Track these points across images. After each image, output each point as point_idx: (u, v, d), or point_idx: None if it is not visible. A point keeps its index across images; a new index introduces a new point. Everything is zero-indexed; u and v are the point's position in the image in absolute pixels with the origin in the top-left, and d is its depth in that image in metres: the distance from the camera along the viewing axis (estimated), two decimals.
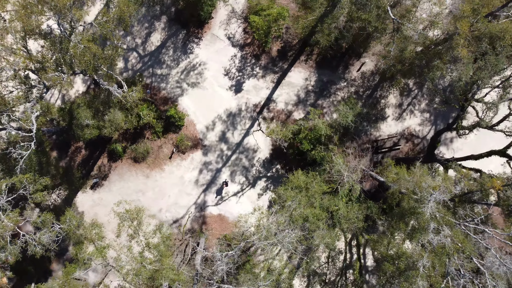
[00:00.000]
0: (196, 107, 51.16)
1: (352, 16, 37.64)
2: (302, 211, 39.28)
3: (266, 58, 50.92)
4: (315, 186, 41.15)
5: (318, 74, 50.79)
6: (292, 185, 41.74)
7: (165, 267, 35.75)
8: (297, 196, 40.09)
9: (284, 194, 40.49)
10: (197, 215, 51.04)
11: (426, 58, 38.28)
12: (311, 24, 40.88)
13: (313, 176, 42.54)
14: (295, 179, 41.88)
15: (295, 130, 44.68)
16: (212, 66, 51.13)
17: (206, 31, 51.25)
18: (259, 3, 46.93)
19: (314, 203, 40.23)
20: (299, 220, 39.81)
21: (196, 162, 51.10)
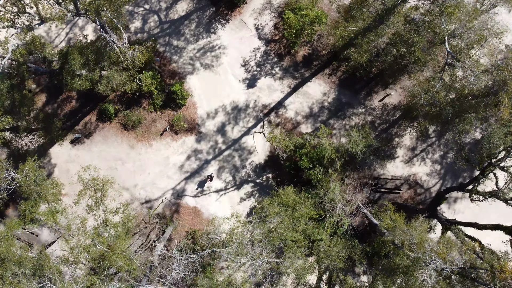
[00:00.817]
0: (203, 90, 46.07)
1: (395, 39, 32.67)
2: (283, 232, 34.26)
3: (289, 61, 45.87)
4: (303, 209, 36.11)
5: (338, 93, 45.77)
6: (279, 201, 36.69)
7: (116, 252, 30.63)
8: (282, 215, 35.07)
9: (268, 208, 35.46)
10: (172, 202, 45.96)
11: (460, 108, 33.32)
12: (350, 35, 35.82)
13: (303, 197, 37.50)
14: (284, 195, 36.83)
15: (298, 144, 39.65)
16: (232, 53, 46.07)
17: (235, 15, 46.18)
18: (299, 1, 41.91)
19: (297, 226, 35.18)
20: (276, 241, 34.79)
21: (187, 147, 46.01)
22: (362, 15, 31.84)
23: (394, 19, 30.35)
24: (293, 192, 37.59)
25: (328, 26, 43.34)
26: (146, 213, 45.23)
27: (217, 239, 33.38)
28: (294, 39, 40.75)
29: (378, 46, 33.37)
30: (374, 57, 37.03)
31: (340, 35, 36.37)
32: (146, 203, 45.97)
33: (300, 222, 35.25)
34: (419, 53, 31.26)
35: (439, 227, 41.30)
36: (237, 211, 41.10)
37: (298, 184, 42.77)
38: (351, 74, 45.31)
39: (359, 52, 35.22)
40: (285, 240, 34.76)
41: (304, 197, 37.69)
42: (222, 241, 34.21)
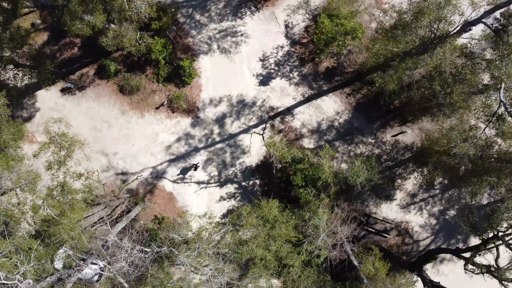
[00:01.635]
0: (212, 74, 41.45)
1: (434, 74, 28.10)
2: (254, 248, 29.68)
3: (311, 69, 41.28)
4: (282, 228, 31.54)
5: (351, 115, 41.19)
6: (259, 213, 32.12)
7: (63, 222, 26.00)
8: (258, 229, 30.50)
9: (246, 218, 30.89)
10: (149, 181, 41.33)
11: (481, 167, 28.78)
12: (387, 55, 31.08)
13: (286, 216, 32.94)
14: (267, 209, 32.26)
15: (297, 157, 35.07)
16: (253, 44, 41.48)
17: (268, 5, 41.57)
18: (339, 9, 37.34)
19: (271, 246, 30.62)
20: (244, 256, 30.23)
21: (180, 128, 41.38)
22: (405, 37, 27.24)
23: (441, 50, 25.81)
24: (277, 207, 33.03)
25: (362, 43, 38.77)
26: (118, 185, 40.62)
27: (178, 240, 28.73)
28: (323, 46, 36.16)
29: (412, 76, 28.82)
30: (404, 87, 32.50)
31: (376, 51, 31.73)
32: (121, 174, 41.33)
33: (275, 241, 30.69)
34: (456, 96, 26.71)
35: (419, 285, 36.74)
36: (211, 211, 36.49)
37: (284, 200, 38.20)
38: (371, 99, 40.76)
39: (390, 76, 30.57)
40: (254, 256, 30.22)
41: (287, 216, 33.14)
42: (185, 240, 29.61)
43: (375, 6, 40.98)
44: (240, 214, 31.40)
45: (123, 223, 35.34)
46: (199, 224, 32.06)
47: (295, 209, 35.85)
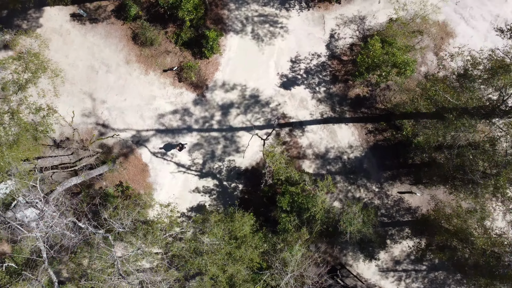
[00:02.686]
0: (235, 57, 35.76)
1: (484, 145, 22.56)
2: (208, 263, 24.03)
3: (340, 90, 35.61)
4: (248, 252, 25.91)
5: (364, 155, 35.53)
6: (229, 226, 26.47)
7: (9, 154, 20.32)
8: (221, 243, 24.84)
9: (211, 227, 25.23)
10: (127, 144, 35.64)
11: (495, 270, 23.22)
12: (441, 101, 25.22)
13: (257, 239, 27.31)
14: (239, 223, 26.62)
15: (292, 178, 29.45)
16: (290, 41, 35.81)
17: (320, 7, 35.89)
18: (395, 38, 31.64)
19: (229, 266, 24.97)
20: (194, 267, 24.59)
21: (180, 101, 35.70)
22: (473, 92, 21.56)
23: (507, 123, 20.33)
24: (251, 225, 27.39)
25: (404, 83, 33.08)
26: (92, 136, 34.93)
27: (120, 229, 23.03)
28: (364, 70, 30.47)
29: (458, 139, 23.26)
30: (441, 147, 26.96)
31: (433, 94, 25.92)
32: (101, 126, 35.64)
33: (234, 264, 25.05)
34: (503, 181, 21.12)
35: None
36: (176, 204, 30.80)
37: (261, 217, 32.59)
38: (391, 146, 35.09)
39: (436, 129, 24.85)
40: (205, 272, 24.57)
41: (258, 241, 27.51)
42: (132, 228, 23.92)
43: (433, 49, 35.31)
44: (206, 219, 25.73)
45: (79, 178, 29.65)
46: (157, 213, 26.37)
47: (270, 233, 30.22)
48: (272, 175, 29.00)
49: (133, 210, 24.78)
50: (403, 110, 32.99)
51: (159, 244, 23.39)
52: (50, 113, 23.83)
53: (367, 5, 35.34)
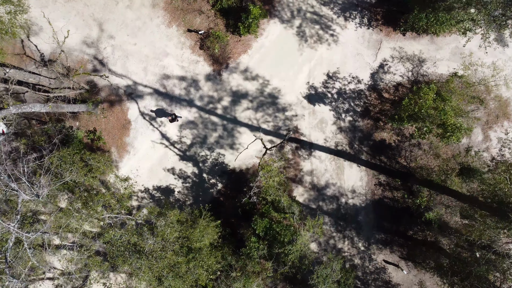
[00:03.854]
0: (270, 46, 30.17)
1: None
2: (143, 265, 18.49)
3: (367, 127, 30.06)
4: (198, 266, 20.38)
5: (364, 206, 30.01)
6: (186, 231, 20.92)
7: None
8: (168, 249, 19.29)
9: (166, 226, 19.67)
10: (118, 92, 30.07)
11: None
12: (507, 194, 19.48)
13: (214, 260, 21.75)
14: (200, 233, 21.07)
15: (279, 204, 23.93)
16: (335, 53, 30.19)
17: (382, 30, 30.24)
18: (451, 94, 26.04)
19: (165, 278, 19.41)
20: (124, 265, 19.04)
21: (192, 70, 30.10)
22: None
23: None
24: (212, 237, 21.85)
25: (442, 149, 27.58)
26: (80, 67, 29.35)
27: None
28: (405, 116, 24.91)
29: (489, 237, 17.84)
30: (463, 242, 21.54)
31: (501, 181, 20.22)
32: (98, 62, 30.06)
33: (176, 279, 19.50)
34: None
35: None
36: (135, 183, 25.30)
37: (227, 229, 27.08)
38: (397, 208, 29.54)
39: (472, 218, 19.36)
40: (135, 274, 19.02)
41: (214, 260, 21.94)
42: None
43: (482, 125, 29.69)
44: (162, 214, 20.16)
45: (45, 107, 24.00)
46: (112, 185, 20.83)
47: (230, 251, 24.68)
48: (259, 191, 23.47)
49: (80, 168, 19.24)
50: (427, 177, 27.47)
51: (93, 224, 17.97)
52: (18, 11, 18.20)
53: (431, 49, 29.76)
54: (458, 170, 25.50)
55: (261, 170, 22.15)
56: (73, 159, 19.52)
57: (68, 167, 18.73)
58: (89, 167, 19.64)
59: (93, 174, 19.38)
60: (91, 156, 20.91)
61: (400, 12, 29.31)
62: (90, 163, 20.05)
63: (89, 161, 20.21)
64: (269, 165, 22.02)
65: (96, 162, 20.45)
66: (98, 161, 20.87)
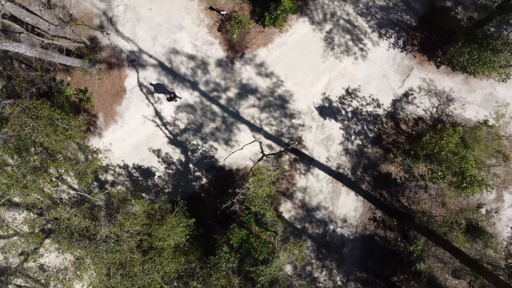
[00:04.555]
0: (293, 45, 27.13)
1: None
2: (88, 255, 15.53)
3: (375, 156, 27.06)
4: (153, 273, 17.38)
5: (352, 239, 27.01)
6: (151, 226, 17.93)
7: None
8: (124, 243, 16.31)
9: (128, 214, 16.69)
10: (121, 56, 27.10)
11: None
12: None
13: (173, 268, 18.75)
14: (165, 228, 18.08)
15: (263, 217, 20.95)
16: (360, 69, 27.09)
17: (416, 57, 27.24)
18: (475, 143, 23.09)
19: (112, 277, 16.42)
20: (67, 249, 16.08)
21: (204, 51, 27.11)
22: None
23: None
24: (182, 237, 18.87)
25: (454, 199, 24.65)
26: (86, 20, 26.37)
27: None
28: (421, 154, 21.96)
29: None
30: None
31: None
32: (106, 18, 27.08)
33: (124, 279, 16.50)
34: None
35: None
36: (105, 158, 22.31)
37: (201, 229, 24.12)
38: (388, 250, 26.57)
39: None
40: (78, 264, 16.05)
41: (177, 263, 18.95)
42: None
43: (498, 184, 26.74)
44: (127, 201, 17.16)
45: (32, 51, 20.96)
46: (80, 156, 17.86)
47: (196, 258, 21.71)
48: (244, 198, 20.50)
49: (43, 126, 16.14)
50: (427, 225, 24.53)
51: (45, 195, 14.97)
52: None
53: (463, 90, 26.79)
54: (465, 227, 22.59)
55: (252, 177, 19.17)
56: (38, 113, 16.52)
57: (30, 122, 15.75)
58: (54, 128, 16.70)
59: (58, 137, 16.44)
60: (61, 116, 17.87)
61: (440, 41, 26.32)
62: (58, 123, 17.10)
63: (57, 120, 17.24)
64: (262, 173, 19.05)
65: (64, 124, 17.44)
66: (68, 124, 17.85)
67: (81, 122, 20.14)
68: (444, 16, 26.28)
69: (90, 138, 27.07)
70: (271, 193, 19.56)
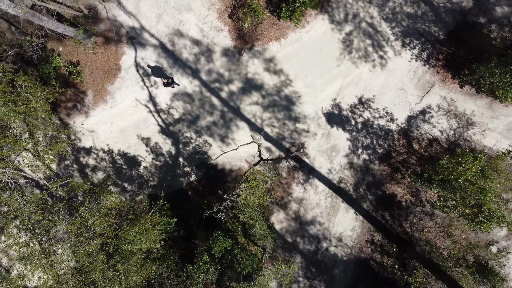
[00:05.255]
0: (306, 43, 24.47)
1: None
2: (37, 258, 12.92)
3: (380, 173, 24.48)
4: (114, 284, 14.77)
5: (345, 259, 24.44)
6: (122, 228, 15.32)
7: None
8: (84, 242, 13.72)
9: (97, 209, 14.09)
10: (120, 31, 24.42)
11: None
12: None
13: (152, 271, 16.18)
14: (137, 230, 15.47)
15: (252, 229, 18.37)
16: (376, 78, 24.45)
17: (439, 73, 24.68)
18: (495, 174, 20.58)
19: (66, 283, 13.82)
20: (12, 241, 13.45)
21: (211, 37, 24.45)
22: None
23: None
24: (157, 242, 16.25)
25: (466, 233, 22.14)
26: None
27: None
28: (436, 179, 19.41)
29: None
30: None
31: None
32: None
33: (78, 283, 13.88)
34: None
35: None
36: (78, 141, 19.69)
37: (182, 231, 21.52)
38: (382, 276, 24.01)
39: None
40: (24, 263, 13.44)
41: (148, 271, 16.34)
42: None
43: None
44: (95, 194, 14.51)
45: (16, 8, 18.27)
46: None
47: (173, 263, 19.11)
48: (233, 206, 17.90)
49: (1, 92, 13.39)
50: (429, 256, 22.00)
51: None
52: None
53: (486, 115, 24.23)
54: (473, 264, 20.08)
55: (245, 183, 16.55)
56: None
57: None
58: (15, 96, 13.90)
59: (17, 108, 13.75)
60: (26, 83, 15.02)
61: (468, 60, 23.76)
62: (20, 91, 14.32)
63: (20, 88, 14.46)
64: (257, 179, 16.44)
65: (28, 94, 14.68)
66: (33, 94, 15.08)
67: (49, 94, 17.31)
68: (476, 32, 23.72)
69: (76, 117, 24.42)
70: (265, 203, 16.95)
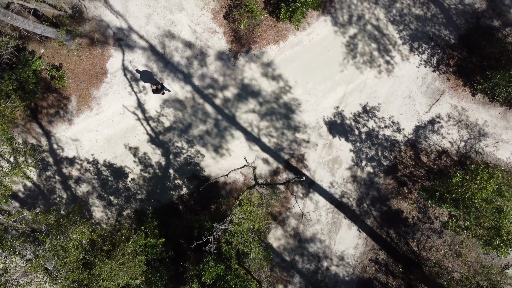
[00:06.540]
0: (307, 47, 22.14)
1: None
2: None
3: (385, 188, 22.26)
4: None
5: (347, 280, 22.19)
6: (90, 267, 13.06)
7: None
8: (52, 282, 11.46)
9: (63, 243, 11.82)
10: (106, 32, 22.07)
11: None
12: None
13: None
14: (113, 265, 13.21)
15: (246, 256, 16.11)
16: (382, 85, 22.14)
17: (449, 80, 22.41)
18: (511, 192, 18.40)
19: None
20: None
21: (205, 39, 22.10)
22: None
23: None
24: (137, 273, 14.02)
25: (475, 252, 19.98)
26: None
27: None
28: (449, 198, 17.24)
29: None
30: None
31: None
32: None
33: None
34: None
35: None
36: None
37: (170, 252, 19.27)
38: None
39: None
40: None
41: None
42: None
43: None
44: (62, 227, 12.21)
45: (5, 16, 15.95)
46: None
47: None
48: (225, 231, 15.66)
49: None
50: (439, 279, 19.84)
51: None
52: None
53: (499, 125, 22.05)
54: None
55: (237, 207, 14.32)
56: None
57: None
58: None
59: None
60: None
61: (481, 66, 21.56)
62: None
63: None
64: (251, 204, 14.20)
65: None
66: None
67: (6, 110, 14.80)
68: (490, 37, 21.51)
69: (59, 125, 22.13)
70: (261, 228, 14.75)
